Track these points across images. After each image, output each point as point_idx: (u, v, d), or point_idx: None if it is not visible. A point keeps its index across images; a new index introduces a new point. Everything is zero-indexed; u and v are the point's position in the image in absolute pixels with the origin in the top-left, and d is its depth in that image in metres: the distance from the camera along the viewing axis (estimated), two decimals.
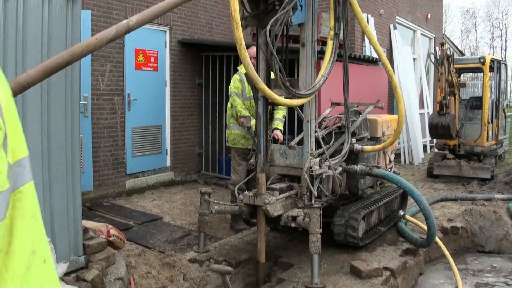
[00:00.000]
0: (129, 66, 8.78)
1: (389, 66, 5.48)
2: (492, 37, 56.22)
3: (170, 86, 9.67)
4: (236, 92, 6.76)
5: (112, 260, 4.65)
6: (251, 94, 6.71)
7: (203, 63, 10.20)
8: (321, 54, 8.32)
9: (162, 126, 9.59)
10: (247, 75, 6.70)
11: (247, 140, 6.75)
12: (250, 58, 6.58)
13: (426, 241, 5.85)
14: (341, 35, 5.52)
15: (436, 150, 11.45)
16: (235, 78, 6.86)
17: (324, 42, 9.04)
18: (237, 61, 8.75)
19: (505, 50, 54.93)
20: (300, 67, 5.24)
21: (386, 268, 5.24)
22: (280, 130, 6.65)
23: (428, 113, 14.92)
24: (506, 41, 55.74)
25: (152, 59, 9.23)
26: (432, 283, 5.86)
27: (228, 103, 6.96)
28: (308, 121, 5.24)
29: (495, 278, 6.22)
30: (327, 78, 5.21)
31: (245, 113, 6.55)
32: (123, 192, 8.64)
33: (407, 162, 13.11)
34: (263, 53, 5.17)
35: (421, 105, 15.01)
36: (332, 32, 5.10)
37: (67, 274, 4.15)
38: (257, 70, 5.36)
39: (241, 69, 6.89)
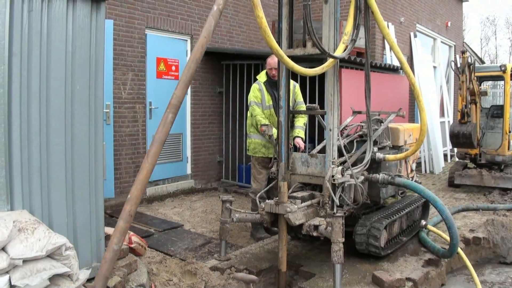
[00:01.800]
0: (150, 74, 8.85)
1: (411, 74, 5.45)
2: None
3: (191, 94, 9.72)
4: (256, 101, 6.76)
5: (134, 267, 4.67)
6: (271, 103, 6.71)
7: (224, 71, 10.24)
8: (341, 62, 8.33)
9: (182, 134, 9.64)
10: (266, 84, 6.72)
11: (267, 149, 6.75)
12: (271, 69, 6.65)
13: (449, 251, 5.77)
14: (363, 43, 5.51)
15: (457, 159, 11.33)
16: (254, 87, 6.86)
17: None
18: (257, 69, 8.79)
19: None
20: (323, 24, 5.19)
21: (408, 279, 5.18)
22: (302, 138, 6.64)
23: (448, 121, 14.79)
24: None
25: (173, 68, 9.29)
26: None
27: (248, 112, 6.97)
28: (330, 129, 5.22)
29: None
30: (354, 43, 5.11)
31: (265, 122, 6.55)
32: (143, 200, 8.68)
33: (427, 171, 13.00)
34: (286, 12, 5.24)
35: (442, 114, 14.88)
36: (346, 37, 5.05)
37: (89, 280, 4.17)
38: (279, 31, 5.42)
39: (260, 78, 6.90)
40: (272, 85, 6.73)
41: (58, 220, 4.05)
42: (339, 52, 4.91)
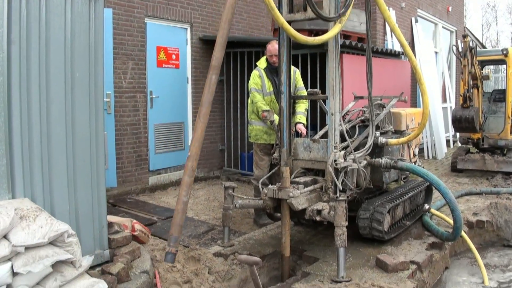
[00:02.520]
0: (150, 63, 8.82)
1: (413, 57, 5.41)
2: None
3: (191, 83, 9.68)
4: (256, 88, 6.73)
5: (137, 254, 4.66)
6: (271, 89, 6.68)
7: (224, 59, 10.14)
8: (342, 48, 8.29)
9: (184, 123, 9.62)
10: (266, 70, 6.68)
11: (269, 136, 6.73)
12: (271, 55, 6.62)
13: (452, 234, 5.76)
14: (364, 28, 5.47)
15: (460, 144, 11.30)
16: (254, 74, 6.83)
17: (346, 36, 9.01)
18: (258, 57, 8.74)
19: None
20: None
21: (412, 262, 5.17)
22: (303, 124, 6.62)
23: (450, 107, 14.73)
24: None
25: (174, 57, 9.26)
26: (455, 280, 5.76)
27: (249, 99, 6.94)
28: (332, 114, 5.20)
29: None
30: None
31: (266, 108, 6.52)
32: (146, 189, 8.69)
33: (430, 157, 12.97)
34: None
35: (444, 99, 14.83)
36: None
37: (92, 267, 4.17)
38: None
39: (260, 64, 6.86)
40: (272, 71, 6.70)
41: (60, 208, 4.04)
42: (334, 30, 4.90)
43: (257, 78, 6.74)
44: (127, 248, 4.61)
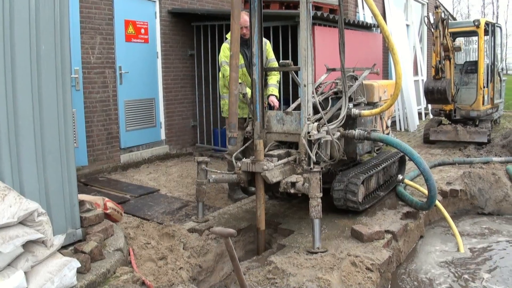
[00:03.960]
0: (119, 38, 8.59)
1: (385, 26, 5.35)
2: (484, 3, 55.82)
3: (161, 58, 9.49)
4: (227, 61, 6.59)
5: (110, 232, 4.59)
6: (242, 62, 6.57)
7: (195, 33, 10.03)
8: (314, 19, 8.22)
9: (155, 99, 9.44)
10: None
11: (242, 109, 6.64)
12: (241, 28, 6.49)
13: (427, 203, 5.81)
14: None
15: (432, 116, 11.39)
16: (225, 47, 6.68)
17: (317, 7, 8.93)
18: (229, 30, 8.60)
19: (497, 17, 54.55)
20: None
21: (387, 231, 5.21)
22: (276, 96, 6.54)
23: (422, 80, 14.83)
24: (497, 7, 55.41)
25: (143, 31, 9.05)
26: (427, 250, 5.82)
27: (220, 73, 6.82)
28: (305, 85, 5.14)
29: (494, 239, 6.20)
30: None
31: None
32: (118, 167, 8.55)
33: (402, 129, 13.09)
34: None
35: (415, 72, 14.90)
36: None
37: (64, 247, 4.09)
38: None
39: (230, 36, 6.72)
40: (242, 44, 6.58)
41: (29, 186, 3.92)
42: None
43: (228, 51, 6.60)
44: (99, 227, 4.52)
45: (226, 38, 6.81)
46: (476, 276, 5.09)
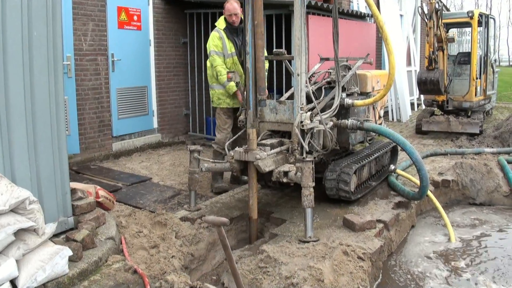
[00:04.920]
0: (111, 25, 8.51)
1: (380, 16, 5.35)
2: None
3: (154, 45, 9.43)
4: (216, 51, 6.53)
5: (102, 220, 4.57)
6: (233, 50, 6.52)
7: (188, 21, 9.97)
8: (308, 8, 8.18)
9: (147, 87, 9.39)
10: (226, 30, 6.50)
11: (232, 99, 6.60)
12: (231, 15, 6.45)
13: (419, 193, 5.83)
14: None
15: (424, 107, 11.41)
16: (214, 35, 6.60)
17: None
18: None
19: (490, 9, 54.59)
20: None
21: (379, 221, 5.23)
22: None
23: (415, 70, 14.83)
24: None
25: (135, 18, 8.98)
26: (417, 240, 5.84)
27: (208, 62, 6.74)
28: (298, 74, 5.13)
29: (486, 229, 6.24)
30: None
31: (225, 72, 6.33)
32: (110, 155, 8.52)
33: (395, 119, 13.11)
34: None
35: (408, 63, 14.89)
36: None
37: (56, 235, 4.08)
38: None
39: (219, 25, 6.64)
40: (232, 31, 6.53)
41: (20, 174, 3.89)
42: None
43: (217, 40, 6.54)
44: (91, 215, 4.51)
45: (215, 26, 6.74)
46: (467, 266, 5.12)
